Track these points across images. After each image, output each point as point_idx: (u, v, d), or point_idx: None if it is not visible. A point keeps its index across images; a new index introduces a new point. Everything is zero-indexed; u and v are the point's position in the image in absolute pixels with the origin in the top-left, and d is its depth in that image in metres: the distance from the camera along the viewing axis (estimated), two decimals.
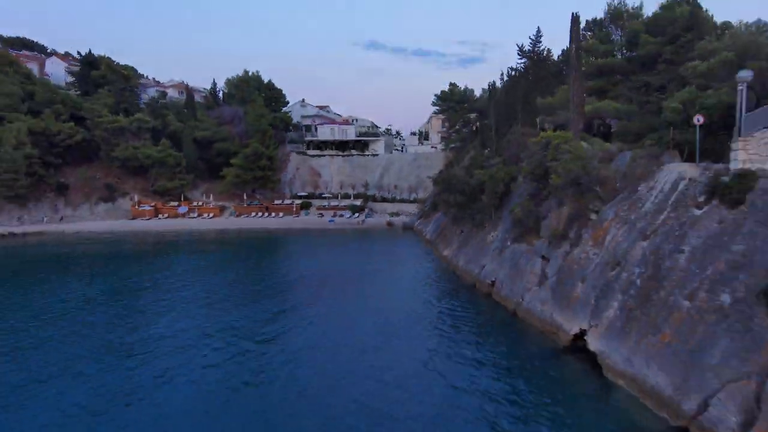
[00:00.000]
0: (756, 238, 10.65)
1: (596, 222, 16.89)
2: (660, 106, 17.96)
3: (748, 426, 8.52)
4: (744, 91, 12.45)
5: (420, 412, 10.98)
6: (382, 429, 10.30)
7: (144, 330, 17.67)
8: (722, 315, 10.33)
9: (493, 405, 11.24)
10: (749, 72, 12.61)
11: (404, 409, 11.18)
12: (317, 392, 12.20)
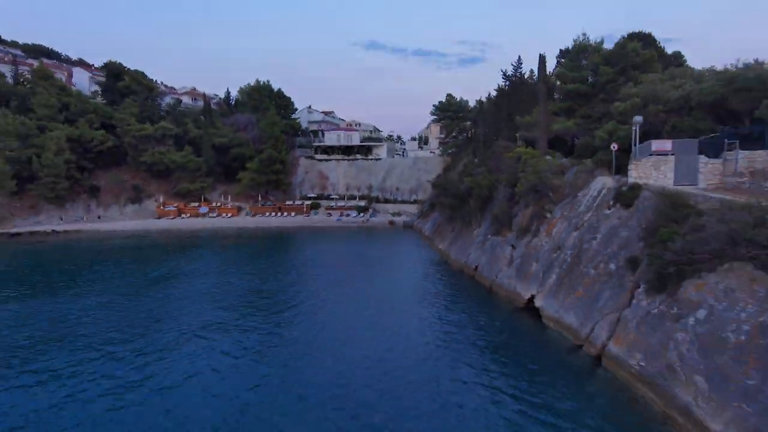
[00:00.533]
0: (634, 228, 16.63)
1: (549, 219, 22.89)
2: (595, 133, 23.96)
3: (610, 338, 14.51)
4: (637, 129, 18.47)
5: (414, 346, 16.86)
6: (387, 356, 16.17)
7: (207, 296, 23.56)
8: (609, 277, 16.33)
9: (469, 339, 17.13)
10: (640, 117, 18.60)
11: (402, 344, 17.08)
12: (334, 331, 18.07)
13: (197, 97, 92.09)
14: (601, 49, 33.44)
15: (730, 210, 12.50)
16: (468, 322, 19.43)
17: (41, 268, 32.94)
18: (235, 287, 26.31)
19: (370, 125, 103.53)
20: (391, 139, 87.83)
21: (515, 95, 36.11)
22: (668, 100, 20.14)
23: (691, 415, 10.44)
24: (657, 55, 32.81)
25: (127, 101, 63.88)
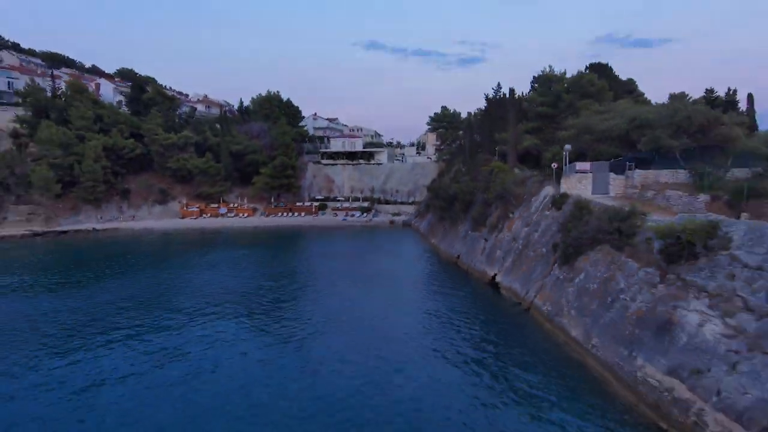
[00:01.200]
0: (558, 224, 24.29)
1: (511, 218, 30.59)
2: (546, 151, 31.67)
3: (536, 296, 22.19)
4: (566, 154, 26.16)
5: (409, 310, 24.42)
6: (388, 312, 23.71)
7: (238, 278, 31.14)
8: (541, 257, 24.00)
9: (450, 302, 24.70)
10: (569, 146, 26.31)
11: (400, 308, 24.66)
12: (343, 300, 25.65)
13: (210, 105, 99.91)
14: (564, 78, 41.14)
15: (603, 212, 20.19)
16: (449, 292, 27.09)
17: (101, 258, 40.59)
18: (261, 272, 33.96)
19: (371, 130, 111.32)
20: (391, 145, 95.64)
21: (495, 115, 43.79)
22: (596, 131, 27.77)
23: (564, 330, 18.15)
24: (608, 85, 40.50)
25: (153, 112, 71.50)
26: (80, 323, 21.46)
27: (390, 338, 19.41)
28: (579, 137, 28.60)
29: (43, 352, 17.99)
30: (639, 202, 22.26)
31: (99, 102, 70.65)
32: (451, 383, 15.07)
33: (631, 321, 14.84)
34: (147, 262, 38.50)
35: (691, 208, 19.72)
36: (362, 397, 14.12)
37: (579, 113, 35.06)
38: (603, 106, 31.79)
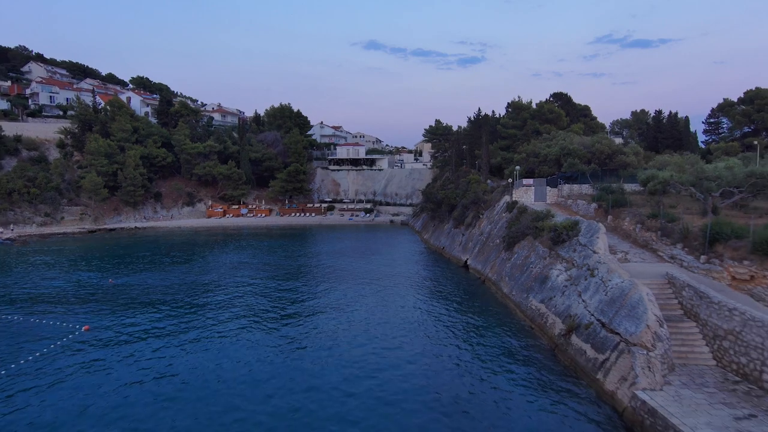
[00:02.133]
0: (507, 223, 35.15)
1: (481, 219, 41.50)
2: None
3: (489, 271, 33.07)
4: (516, 172, 37.05)
5: (402, 282, 35.16)
6: (387, 282, 34.45)
7: (262, 265, 41.84)
8: (495, 246, 34.87)
9: (433, 276, 35.46)
10: (519, 166, 37.15)
11: (397, 281, 35.40)
12: (350, 274, 36.36)
13: (225, 114, 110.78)
14: (530, 107, 52.03)
15: (532, 214, 31.07)
16: (433, 271, 38.00)
17: (155, 250, 51.38)
18: (281, 262, 44.84)
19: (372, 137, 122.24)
20: (391, 153, 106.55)
21: (475, 134, 54.65)
22: (540, 155, 38.57)
23: (500, 289, 29.08)
24: (566, 111, 51.40)
25: (181, 124, 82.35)
26: (176, 293, 32.27)
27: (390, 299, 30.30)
28: (528, 159, 39.53)
29: (174, 310, 28.79)
30: (560, 207, 33.21)
31: (135, 116, 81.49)
32: (430, 314, 25.88)
33: (530, 279, 25.76)
34: (190, 252, 49.38)
35: (587, 211, 30.66)
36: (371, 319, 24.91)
37: (540, 135, 45.97)
38: (550, 135, 42.64)
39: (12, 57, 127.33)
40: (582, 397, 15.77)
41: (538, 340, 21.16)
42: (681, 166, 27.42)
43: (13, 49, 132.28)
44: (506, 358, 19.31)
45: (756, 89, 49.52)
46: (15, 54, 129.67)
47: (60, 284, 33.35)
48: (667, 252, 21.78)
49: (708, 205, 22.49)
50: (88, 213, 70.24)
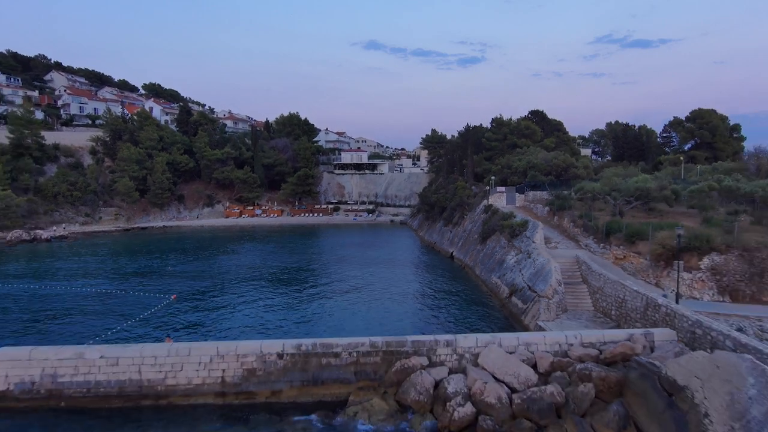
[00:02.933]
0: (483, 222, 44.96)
1: (465, 218, 51.33)
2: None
3: (466, 258, 42.87)
4: (492, 182, 46.79)
5: (400, 272, 44.87)
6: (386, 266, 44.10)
7: (280, 255, 51.51)
8: (474, 240, 44.65)
9: (425, 264, 45.17)
10: (494, 177, 46.88)
11: (396, 269, 45.11)
12: (358, 262, 46.03)
13: (237, 121, 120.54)
14: (510, 123, 61.85)
15: (500, 214, 40.88)
16: (425, 261, 47.75)
17: (184, 244, 61.06)
18: (287, 256, 54.60)
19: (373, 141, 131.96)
20: (391, 158, 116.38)
21: (464, 144, 64.42)
22: (512, 167, 48.27)
23: (474, 271, 38.89)
24: (542, 127, 61.15)
25: (200, 132, 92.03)
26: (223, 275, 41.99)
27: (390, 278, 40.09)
28: (503, 170, 49.30)
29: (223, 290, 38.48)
30: (524, 210, 43.04)
31: (160, 125, 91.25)
32: (421, 287, 35.60)
33: (494, 263, 35.56)
34: (216, 246, 59.16)
35: (542, 213, 40.49)
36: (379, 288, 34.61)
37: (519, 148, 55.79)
38: (523, 149, 52.31)
39: (34, 66, 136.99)
40: (512, 329, 25.61)
41: (492, 301, 31.01)
42: (609, 179, 37.15)
43: (35, 59, 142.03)
44: (472, 311, 29.13)
45: (698, 109, 59.12)
46: (37, 63, 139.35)
47: (133, 269, 43.21)
48: (583, 242, 31.60)
49: (616, 209, 32.26)
50: (121, 213, 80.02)
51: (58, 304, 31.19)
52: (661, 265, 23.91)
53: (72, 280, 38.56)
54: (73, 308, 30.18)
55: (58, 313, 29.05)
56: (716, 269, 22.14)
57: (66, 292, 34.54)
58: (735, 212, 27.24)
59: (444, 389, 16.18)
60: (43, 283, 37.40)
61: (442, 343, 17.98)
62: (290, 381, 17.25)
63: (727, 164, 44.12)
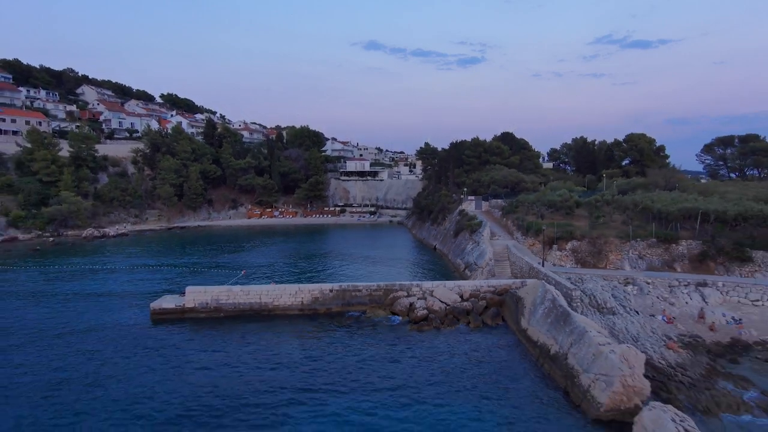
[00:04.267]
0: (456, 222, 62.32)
1: (446, 219, 68.72)
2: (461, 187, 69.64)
3: (443, 248, 60.23)
4: (465, 192, 64.01)
5: (396, 255, 62.03)
6: (383, 250, 61.28)
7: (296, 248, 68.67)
8: (450, 235, 61.98)
9: (413, 253, 62.35)
10: (466, 189, 64.09)
11: (393, 253, 62.27)
12: (359, 248, 63.19)
13: (253, 132, 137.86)
14: (485, 143, 79.24)
15: (467, 216, 58.24)
16: (414, 251, 65.08)
17: (219, 240, 78.30)
18: (309, 247, 71.93)
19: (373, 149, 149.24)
20: (390, 166, 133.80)
21: (449, 159, 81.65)
22: (481, 181, 65.37)
23: (447, 256, 56.32)
24: (510, 147, 78.54)
25: (225, 145, 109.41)
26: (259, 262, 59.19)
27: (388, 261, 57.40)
28: (474, 183, 66.57)
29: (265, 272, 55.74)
30: (487, 214, 60.45)
31: (192, 139, 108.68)
32: (409, 264, 52.80)
33: (459, 250, 52.90)
34: (249, 240, 76.48)
35: (497, 215, 57.89)
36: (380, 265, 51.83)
37: (491, 164, 73.11)
38: (492, 166, 69.46)
39: (66, 80, 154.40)
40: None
41: (455, 274, 48.43)
42: (544, 193, 54.37)
43: (65, 73, 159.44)
44: (439, 274, 46.50)
45: (631, 134, 76.25)
46: (68, 77, 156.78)
47: (198, 256, 60.56)
48: (515, 235, 48.92)
49: (539, 213, 49.53)
50: (163, 215, 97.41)
51: (178, 271, 48.54)
52: (547, 247, 41.19)
53: (168, 258, 55.93)
54: (195, 271, 47.52)
55: (191, 272, 46.37)
56: (575, 249, 39.46)
57: (176, 263, 51.96)
58: (598, 216, 44.43)
59: (414, 305, 33.43)
60: (159, 260, 54.89)
61: (414, 284, 35.34)
62: (335, 304, 34.53)
63: (638, 180, 61.35)
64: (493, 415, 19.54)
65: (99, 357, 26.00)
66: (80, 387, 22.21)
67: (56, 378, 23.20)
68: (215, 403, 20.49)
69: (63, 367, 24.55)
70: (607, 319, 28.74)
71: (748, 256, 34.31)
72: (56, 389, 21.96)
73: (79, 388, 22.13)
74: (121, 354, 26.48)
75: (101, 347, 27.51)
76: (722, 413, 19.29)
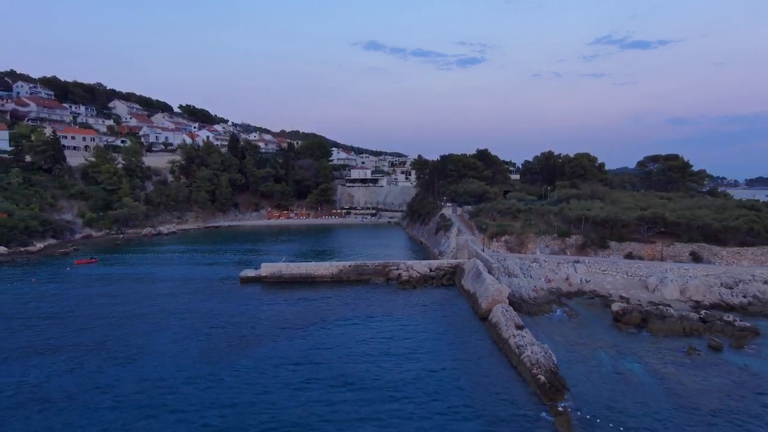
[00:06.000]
0: (438, 222, 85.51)
1: (431, 221, 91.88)
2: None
3: (429, 242, 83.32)
4: (445, 200, 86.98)
5: (391, 248, 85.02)
6: (379, 240, 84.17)
7: (310, 242, 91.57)
8: (432, 233, 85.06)
9: (405, 244, 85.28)
10: (446, 197, 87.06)
11: (389, 247, 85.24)
12: (363, 242, 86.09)
13: (268, 143, 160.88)
14: (465, 158, 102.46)
15: (444, 218, 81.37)
16: (406, 244, 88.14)
17: (247, 237, 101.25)
18: (319, 241, 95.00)
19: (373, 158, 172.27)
20: (388, 174, 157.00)
21: (435, 172, 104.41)
22: (458, 192, 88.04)
23: (429, 247, 79.51)
24: (487, 163, 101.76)
25: (248, 157, 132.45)
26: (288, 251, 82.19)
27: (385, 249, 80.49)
28: (452, 193, 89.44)
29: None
30: (459, 217, 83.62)
31: (221, 152, 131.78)
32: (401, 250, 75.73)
33: (438, 242, 75.99)
34: (274, 237, 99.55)
35: (466, 218, 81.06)
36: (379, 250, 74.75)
37: (467, 178, 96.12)
38: (467, 179, 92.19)
39: (98, 95, 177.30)
40: None
41: (430, 257, 71.54)
42: (499, 202, 77.25)
43: (97, 88, 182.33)
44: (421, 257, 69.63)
45: (578, 153, 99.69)
46: (100, 92, 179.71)
47: (241, 246, 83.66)
48: (475, 233, 71.96)
49: (492, 217, 72.42)
50: (199, 216, 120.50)
51: (233, 256, 71.49)
52: (490, 240, 64.13)
53: (221, 247, 78.91)
54: (245, 255, 70.50)
55: (243, 256, 69.34)
56: (507, 241, 62.41)
57: (229, 251, 75.03)
58: (527, 219, 67.23)
59: (401, 274, 56.39)
60: (217, 248, 78.01)
61: (401, 262, 58.48)
62: (353, 273, 57.54)
63: (573, 191, 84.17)
64: (438, 322, 42.39)
65: (215, 298, 48.97)
66: (212, 309, 45.33)
67: (205, 306, 46.29)
68: (280, 323, 43.54)
69: (204, 299, 47.63)
70: (512, 280, 51.61)
71: (606, 245, 57.23)
72: (207, 312, 45.10)
73: (213, 308, 45.23)
74: (227, 298, 49.53)
75: (215, 295, 50.52)
76: (541, 315, 42.29)
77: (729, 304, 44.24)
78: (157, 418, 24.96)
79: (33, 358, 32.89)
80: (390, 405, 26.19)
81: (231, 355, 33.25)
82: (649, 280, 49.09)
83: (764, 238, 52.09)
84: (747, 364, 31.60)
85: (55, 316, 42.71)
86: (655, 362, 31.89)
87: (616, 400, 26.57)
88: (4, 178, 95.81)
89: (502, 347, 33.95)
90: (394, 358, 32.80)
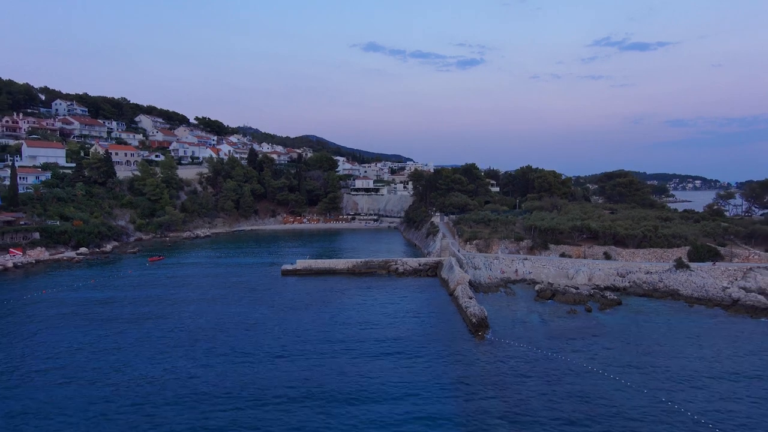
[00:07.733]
0: (428, 228, 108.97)
1: (423, 227, 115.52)
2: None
3: (421, 245, 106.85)
4: (434, 210, 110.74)
5: (388, 247, 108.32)
6: (375, 241, 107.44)
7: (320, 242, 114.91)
8: (424, 236, 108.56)
9: (401, 247, 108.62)
10: (434, 208, 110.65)
11: (388, 247, 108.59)
12: (366, 243, 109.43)
13: (279, 155, 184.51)
14: (452, 174, 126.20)
15: (433, 224, 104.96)
16: (402, 246, 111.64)
17: (267, 240, 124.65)
18: (330, 243, 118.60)
19: (375, 167, 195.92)
20: (389, 183, 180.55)
21: (429, 184, 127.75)
22: (445, 204, 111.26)
23: (421, 249, 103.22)
24: (471, 177, 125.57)
25: (266, 169, 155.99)
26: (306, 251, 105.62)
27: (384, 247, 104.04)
28: (440, 204, 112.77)
29: None
30: (446, 224, 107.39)
31: (243, 165, 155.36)
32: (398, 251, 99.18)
33: (428, 243, 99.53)
34: (288, 240, 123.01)
35: (452, 226, 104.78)
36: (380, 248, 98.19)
37: (454, 191, 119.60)
38: (453, 193, 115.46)
39: (125, 111, 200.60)
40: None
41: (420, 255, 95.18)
42: (476, 212, 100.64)
43: (123, 103, 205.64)
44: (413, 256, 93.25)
45: (543, 171, 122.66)
46: (126, 107, 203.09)
47: (274, 247, 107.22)
48: (456, 237, 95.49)
49: (470, 225, 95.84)
50: (225, 222, 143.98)
51: (270, 252, 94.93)
52: (466, 243, 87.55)
53: (252, 248, 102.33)
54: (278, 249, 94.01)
55: (278, 253, 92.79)
56: (477, 244, 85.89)
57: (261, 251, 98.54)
58: (494, 228, 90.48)
59: (398, 268, 79.86)
60: (249, 249, 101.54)
61: (399, 259, 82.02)
62: (363, 267, 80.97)
63: (537, 203, 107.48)
64: (423, 297, 65.77)
65: (263, 287, 72.36)
66: (260, 294, 68.91)
67: (252, 294, 69.81)
68: (308, 300, 67.10)
69: (253, 289, 71.18)
70: (475, 272, 75.03)
71: (548, 247, 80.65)
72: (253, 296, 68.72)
73: (261, 295, 68.80)
74: (271, 286, 72.99)
75: (262, 284, 73.90)
76: (491, 293, 65.84)
77: (617, 287, 67.72)
78: (281, 339, 48.44)
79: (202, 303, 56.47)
80: (390, 331, 49.63)
81: (297, 313, 56.66)
82: (569, 272, 72.63)
83: (654, 243, 75.66)
84: (600, 318, 55.06)
85: (187, 283, 66.71)
86: (548, 317, 55.33)
87: (515, 332, 49.96)
88: (71, 191, 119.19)
89: (458, 308, 57.41)
90: (392, 317, 56.21)
